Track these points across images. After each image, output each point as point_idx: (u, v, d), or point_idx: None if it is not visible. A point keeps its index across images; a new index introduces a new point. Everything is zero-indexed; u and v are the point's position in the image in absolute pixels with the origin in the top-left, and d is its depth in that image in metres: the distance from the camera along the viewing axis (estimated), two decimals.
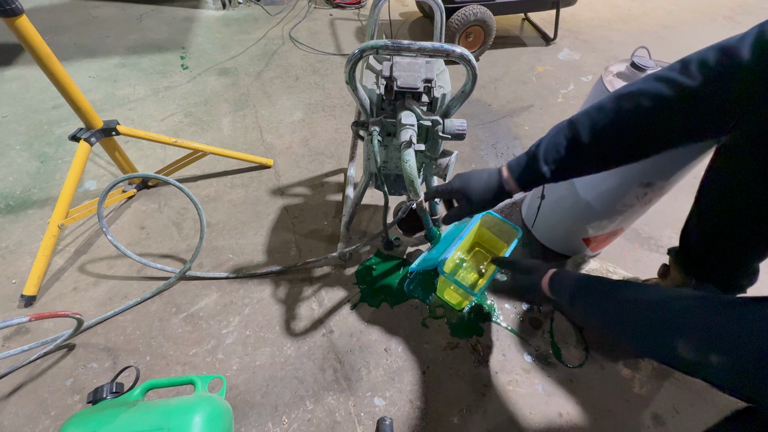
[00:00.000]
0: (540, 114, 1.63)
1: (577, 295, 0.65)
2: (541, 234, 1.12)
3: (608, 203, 0.89)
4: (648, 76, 0.57)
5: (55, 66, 0.88)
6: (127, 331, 0.91)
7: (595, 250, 1.08)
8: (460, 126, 0.72)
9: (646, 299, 0.53)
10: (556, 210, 1.02)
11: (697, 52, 0.54)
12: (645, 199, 0.85)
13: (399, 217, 0.90)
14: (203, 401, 0.64)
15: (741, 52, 0.50)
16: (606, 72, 0.82)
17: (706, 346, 0.44)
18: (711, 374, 0.45)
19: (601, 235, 0.99)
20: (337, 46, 2.05)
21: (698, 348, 0.45)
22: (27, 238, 1.09)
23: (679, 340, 0.46)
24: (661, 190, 0.83)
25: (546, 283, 0.72)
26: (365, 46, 0.62)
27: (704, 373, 0.46)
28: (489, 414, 0.80)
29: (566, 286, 0.68)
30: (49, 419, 0.77)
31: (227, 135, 1.47)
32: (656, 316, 0.50)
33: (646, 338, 0.52)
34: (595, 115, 0.61)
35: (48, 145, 1.38)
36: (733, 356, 0.42)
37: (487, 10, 1.80)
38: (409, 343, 0.90)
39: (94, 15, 2.23)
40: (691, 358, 0.45)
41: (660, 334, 0.49)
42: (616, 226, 0.96)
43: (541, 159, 0.64)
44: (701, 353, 0.44)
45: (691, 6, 2.72)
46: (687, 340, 0.46)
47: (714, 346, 0.43)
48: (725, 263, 0.75)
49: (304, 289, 1.00)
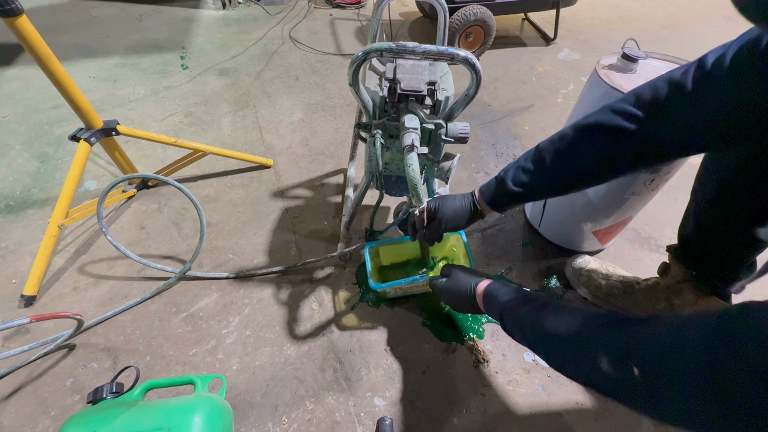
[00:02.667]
0: (540, 114, 1.63)
1: (506, 316, 0.63)
2: (549, 231, 1.12)
3: (616, 193, 0.89)
4: (605, 107, 0.61)
5: (55, 66, 0.88)
6: (127, 331, 0.91)
7: (604, 243, 1.08)
8: (463, 129, 0.72)
9: (566, 322, 0.51)
10: (563, 206, 1.02)
11: (648, 83, 0.58)
12: (652, 185, 0.86)
13: (399, 218, 0.89)
14: (203, 401, 0.64)
15: (685, 83, 0.53)
16: (599, 65, 0.83)
17: (626, 359, 0.41)
18: (626, 391, 0.42)
19: (610, 227, 0.99)
20: (337, 46, 2.05)
21: (618, 362, 0.42)
22: (27, 238, 1.09)
23: (602, 356, 0.44)
24: (667, 175, 0.84)
25: (481, 296, 0.70)
26: (369, 49, 0.62)
27: (621, 391, 0.43)
28: (489, 414, 0.80)
29: (497, 303, 0.66)
30: (49, 419, 0.77)
31: (227, 135, 1.47)
32: (576, 337, 0.49)
33: (571, 358, 0.50)
34: (558, 143, 0.66)
35: (48, 145, 1.38)
36: (643, 369, 0.39)
37: (487, 10, 1.80)
38: (409, 343, 0.90)
39: (94, 15, 2.23)
40: (614, 374, 0.42)
41: (583, 352, 0.48)
42: (625, 216, 0.96)
43: (510, 182, 0.69)
44: (622, 367, 0.41)
45: (691, 6, 2.72)
46: (609, 356, 0.43)
47: (633, 360, 0.40)
48: (723, 257, 0.76)
49: (304, 290, 1.00)
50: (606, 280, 0.95)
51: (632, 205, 0.93)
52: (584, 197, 0.94)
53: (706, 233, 0.75)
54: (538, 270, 1.07)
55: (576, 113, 0.91)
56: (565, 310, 0.53)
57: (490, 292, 0.68)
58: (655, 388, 0.38)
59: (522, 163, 0.69)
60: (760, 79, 0.47)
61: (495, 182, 0.72)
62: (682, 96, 0.54)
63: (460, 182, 1.31)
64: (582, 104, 0.89)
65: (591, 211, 0.97)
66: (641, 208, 0.97)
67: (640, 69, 0.81)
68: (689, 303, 0.81)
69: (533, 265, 1.08)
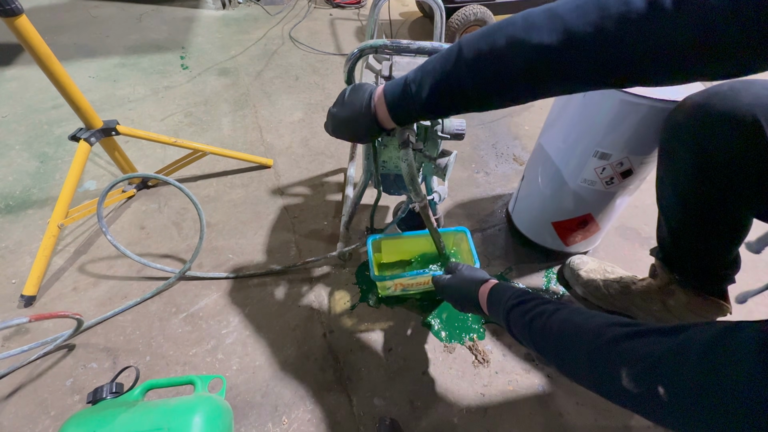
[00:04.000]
0: (540, 114, 1.63)
1: (512, 318, 0.59)
2: (519, 219, 1.10)
3: (569, 174, 0.88)
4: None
5: (55, 66, 0.88)
6: (126, 331, 0.91)
7: (570, 245, 1.04)
8: (459, 126, 0.72)
9: (581, 329, 0.48)
10: (528, 188, 1.01)
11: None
12: (605, 176, 0.84)
13: (399, 216, 0.90)
14: (203, 401, 0.64)
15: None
16: None
17: (650, 377, 0.38)
18: (651, 409, 0.40)
19: (569, 221, 0.97)
20: (337, 46, 2.05)
21: (641, 378, 0.39)
22: (27, 238, 1.09)
23: (622, 370, 0.41)
24: (620, 167, 0.82)
25: (485, 296, 0.67)
26: (364, 46, 0.62)
27: (644, 408, 0.41)
28: (489, 414, 0.80)
29: (502, 304, 0.62)
30: (49, 419, 0.77)
31: (227, 135, 1.47)
32: (593, 346, 0.46)
33: (588, 370, 0.47)
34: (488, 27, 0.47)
35: (48, 145, 1.38)
36: (674, 392, 0.36)
37: (487, 10, 1.80)
38: (409, 343, 0.90)
39: (94, 15, 2.23)
40: (635, 390, 0.40)
41: (601, 364, 0.44)
42: (582, 211, 0.94)
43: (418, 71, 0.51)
44: (646, 384, 0.38)
45: None
46: (630, 370, 0.40)
47: (658, 378, 0.37)
48: (700, 256, 0.76)
49: (304, 289, 1.00)
50: (604, 280, 0.95)
51: (589, 197, 0.90)
52: (542, 169, 0.94)
53: (679, 238, 0.76)
54: (538, 270, 1.07)
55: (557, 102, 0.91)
56: (579, 316, 0.50)
57: (496, 293, 0.65)
58: (689, 413, 0.35)
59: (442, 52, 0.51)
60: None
61: (402, 79, 0.54)
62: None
63: (460, 182, 1.31)
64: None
65: (548, 197, 0.96)
66: (605, 210, 0.93)
67: None
68: (682, 303, 0.82)
69: (533, 266, 1.08)
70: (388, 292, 0.96)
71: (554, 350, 0.52)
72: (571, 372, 0.50)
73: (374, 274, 0.84)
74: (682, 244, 0.77)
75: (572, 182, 0.89)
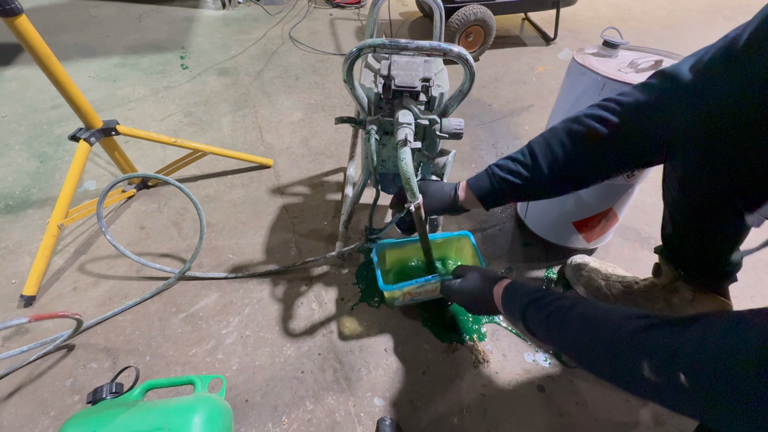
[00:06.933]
0: (540, 114, 1.63)
1: (529, 315, 0.60)
2: (534, 223, 1.11)
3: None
4: (592, 105, 0.63)
5: (55, 66, 0.88)
6: (126, 332, 0.91)
7: (590, 241, 1.06)
8: (457, 125, 0.72)
9: (600, 323, 0.50)
10: None
11: (637, 84, 0.60)
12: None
13: (397, 216, 0.89)
14: (203, 401, 0.64)
15: (681, 75, 0.53)
16: (579, 51, 0.88)
17: (671, 365, 0.39)
18: (672, 397, 0.41)
19: (591, 218, 0.98)
20: (336, 46, 2.05)
21: (662, 368, 0.40)
22: (26, 238, 1.08)
23: (643, 362, 0.42)
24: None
25: (499, 295, 0.68)
26: (363, 45, 0.62)
27: (666, 397, 0.42)
28: (489, 414, 0.80)
29: (518, 301, 0.63)
30: (48, 419, 0.77)
31: (227, 135, 1.47)
32: (613, 340, 0.47)
33: (609, 363, 0.48)
34: (548, 135, 0.66)
35: (47, 145, 1.38)
36: (694, 378, 0.37)
37: (487, 9, 1.80)
38: (409, 343, 0.90)
39: (94, 15, 2.23)
40: (657, 380, 0.41)
41: (621, 356, 0.46)
42: (604, 206, 0.95)
43: (498, 172, 0.70)
44: (667, 374, 0.40)
45: (691, 6, 2.72)
46: (651, 361, 0.41)
47: (678, 366, 0.39)
48: (704, 254, 0.76)
49: (303, 289, 1.00)
50: (605, 280, 0.95)
51: (610, 192, 0.91)
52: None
53: (684, 234, 0.76)
54: (538, 270, 1.07)
55: (559, 103, 0.96)
56: (597, 310, 0.51)
57: (511, 291, 0.66)
58: (709, 397, 0.36)
59: (513, 155, 0.69)
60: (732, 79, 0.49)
61: (484, 174, 0.73)
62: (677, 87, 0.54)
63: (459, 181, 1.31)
64: (562, 93, 0.93)
65: (563, 199, 0.96)
66: (624, 202, 0.95)
67: (621, 56, 0.87)
68: (686, 300, 0.81)
69: (533, 265, 1.08)
70: (396, 303, 0.94)
71: (573, 344, 0.53)
72: (591, 365, 0.51)
73: (382, 284, 0.82)
74: (689, 242, 0.76)
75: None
